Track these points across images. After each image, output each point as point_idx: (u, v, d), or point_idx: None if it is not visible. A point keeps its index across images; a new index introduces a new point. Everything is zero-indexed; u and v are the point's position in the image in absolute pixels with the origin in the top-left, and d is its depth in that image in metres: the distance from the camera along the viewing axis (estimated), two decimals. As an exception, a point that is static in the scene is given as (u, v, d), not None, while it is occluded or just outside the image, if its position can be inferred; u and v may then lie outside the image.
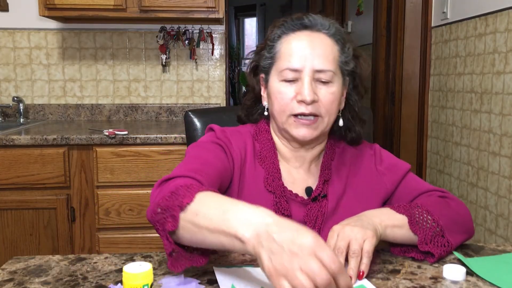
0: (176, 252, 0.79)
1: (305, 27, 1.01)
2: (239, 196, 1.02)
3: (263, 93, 1.09)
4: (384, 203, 1.09)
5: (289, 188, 1.05)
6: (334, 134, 1.11)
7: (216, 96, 2.82)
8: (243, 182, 1.03)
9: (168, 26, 2.68)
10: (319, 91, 0.98)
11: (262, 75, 1.07)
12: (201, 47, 2.76)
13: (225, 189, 1.02)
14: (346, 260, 0.84)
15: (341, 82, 1.03)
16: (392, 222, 0.93)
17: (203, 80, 2.80)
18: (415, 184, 1.09)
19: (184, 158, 0.98)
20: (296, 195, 1.04)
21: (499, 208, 1.97)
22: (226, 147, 1.02)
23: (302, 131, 0.99)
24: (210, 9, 2.34)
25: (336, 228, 0.89)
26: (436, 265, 0.90)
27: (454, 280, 0.84)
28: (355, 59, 1.05)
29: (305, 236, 0.65)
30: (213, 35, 2.73)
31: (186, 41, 2.71)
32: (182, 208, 0.76)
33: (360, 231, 0.86)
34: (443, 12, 2.43)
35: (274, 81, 1.01)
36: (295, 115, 0.99)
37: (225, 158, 1.01)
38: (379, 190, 1.08)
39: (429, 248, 0.92)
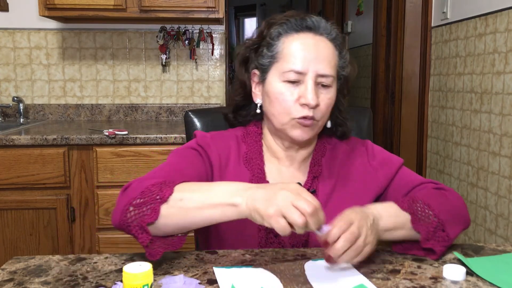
0: (152, 242, 0.86)
1: (308, 28, 1.01)
2: None
3: (255, 89, 1.07)
4: (377, 198, 1.10)
5: None
6: (323, 132, 1.11)
7: (216, 96, 2.82)
8: None
9: (168, 26, 2.68)
10: (320, 95, 1.00)
11: (256, 72, 1.05)
12: (201, 47, 2.76)
13: None
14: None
15: (337, 86, 1.05)
16: (394, 224, 0.92)
17: (203, 80, 2.80)
18: (408, 177, 1.09)
19: (161, 164, 1.02)
20: None
21: (499, 208, 1.97)
22: (204, 153, 1.05)
23: (298, 132, 1.01)
24: (210, 9, 2.34)
25: (354, 217, 0.85)
26: (436, 265, 0.90)
27: (454, 280, 0.84)
28: (350, 64, 1.07)
29: (290, 184, 0.80)
30: (213, 35, 2.73)
31: (186, 41, 2.71)
32: (163, 200, 0.84)
33: (373, 236, 0.86)
34: (443, 12, 2.43)
35: (275, 81, 1.00)
36: (297, 118, 0.99)
37: (200, 163, 1.03)
38: (372, 185, 1.08)
39: (431, 244, 0.92)
